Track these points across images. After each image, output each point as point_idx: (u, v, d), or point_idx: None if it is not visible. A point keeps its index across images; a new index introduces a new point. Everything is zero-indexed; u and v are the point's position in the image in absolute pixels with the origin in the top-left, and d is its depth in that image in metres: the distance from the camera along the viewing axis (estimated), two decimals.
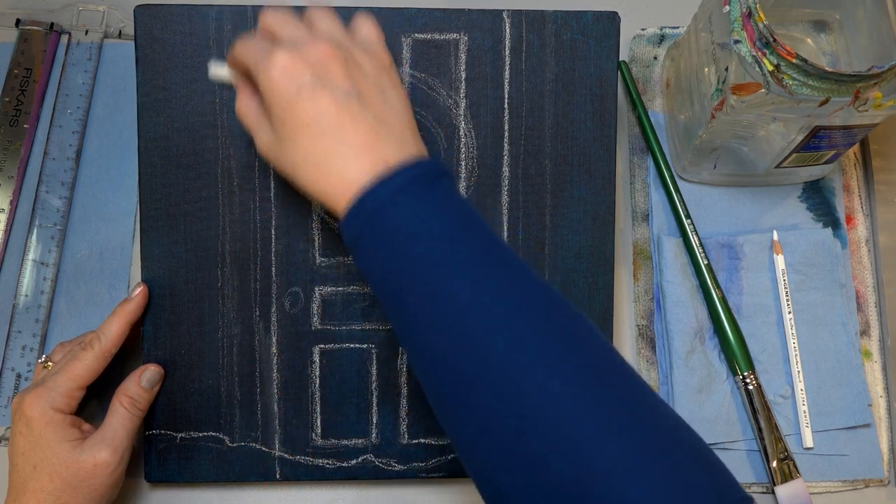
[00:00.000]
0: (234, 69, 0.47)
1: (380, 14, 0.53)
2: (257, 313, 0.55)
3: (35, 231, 0.59)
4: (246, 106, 0.46)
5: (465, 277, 0.39)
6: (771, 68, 0.47)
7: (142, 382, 0.52)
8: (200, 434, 0.54)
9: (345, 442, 0.55)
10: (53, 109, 0.61)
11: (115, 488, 0.51)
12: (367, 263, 0.41)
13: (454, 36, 0.54)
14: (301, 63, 0.42)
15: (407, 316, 0.40)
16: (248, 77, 0.46)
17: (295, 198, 0.54)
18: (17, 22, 0.62)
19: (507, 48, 0.54)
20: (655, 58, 0.63)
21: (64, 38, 0.63)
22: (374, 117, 0.42)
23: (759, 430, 0.56)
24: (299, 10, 0.46)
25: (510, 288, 0.39)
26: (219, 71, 0.49)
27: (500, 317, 0.38)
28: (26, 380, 0.57)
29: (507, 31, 0.54)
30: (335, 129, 0.41)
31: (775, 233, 0.60)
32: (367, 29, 0.46)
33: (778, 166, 0.57)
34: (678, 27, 0.63)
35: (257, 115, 0.46)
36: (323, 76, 0.42)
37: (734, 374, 0.57)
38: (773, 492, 0.56)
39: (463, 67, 0.54)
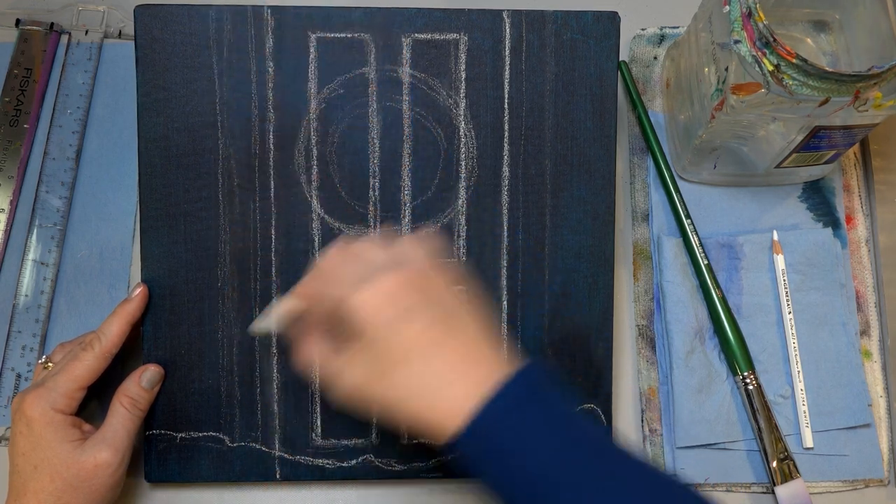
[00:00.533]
0: (284, 321, 0.47)
1: (380, 14, 0.54)
2: (257, 313, 0.55)
3: (35, 231, 0.59)
4: (320, 350, 0.46)
5: (578, 491, 0.39)
6: (771, 68, 0.47)
7: (142, 382, 0.52)
8: (200, 434, 0.54)
9: (345, 442, 0.55)
10: (53, 109, 0.61)
11: (116, 488, 0.51)
12: (489, 483, 0.41)
13: (454, 36, 0.54)
14: (382, 298, 0.42)
15: None
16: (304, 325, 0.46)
17: (295, 198, 0.54)
18: (17, 22, 0.62)
19: (507, 48, 0.54)
20: (655, 58, 0.63)
21: (64, 38, 0.63)
22: (463, 337, 0.43)
23: (759, 430, 0.56)
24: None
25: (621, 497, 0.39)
26: (261, 323, 0.49)
27: None
28: (26, 380, 0.57)
29: (507, 31, 0.54)
30: (426, 354, 0.42)
31: (775, 233, 0.60)
32: (417, 244, 0.46)
33: (778, 166, 0.57)
34: (678, 27, 0.63)
35: (333, 352, 0.45)
36: (406, 306, 0.42)
37: (734, 374, 0.57)
38: (773, 492, 0.56)
39: (463, 67, 0.54)
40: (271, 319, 0.48)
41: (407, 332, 0.42)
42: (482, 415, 0.40)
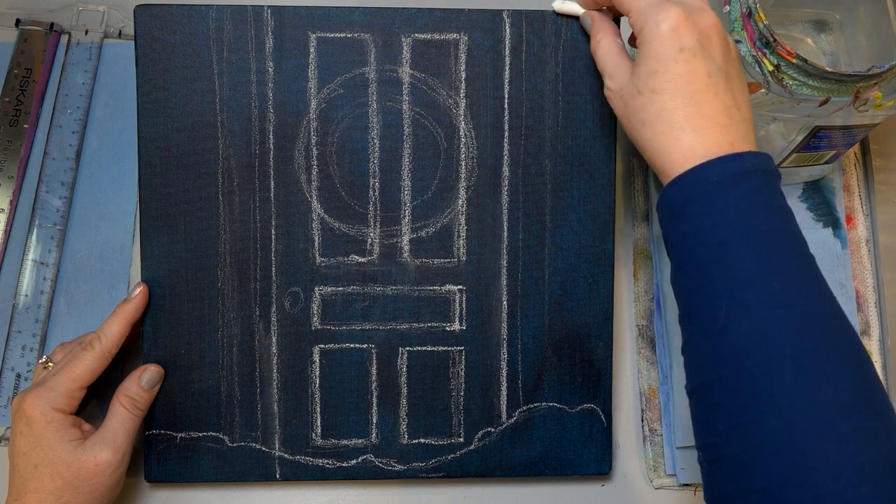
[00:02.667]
0: (588, 4, 0.50)
1: (380, 14, 0.54)
2: (257, 313, 0.55)
3: (35, 231, 0.59)
4: (608, 44, 0.48)
5: (770, 281, 0.40)
6: (771, 68, 0.47)
7: (142, 382, 0.52)
8: (200, 434, 0.54)
9: (345, 442, 0.55)
10: (53, 109, 0.61)
11: (116, 488, 0.51)
12: (682, 231, 0.42)
13: (454, 36, 0.54)
14: (692, 26, 0.43)
15: (702, 290, 0.41)
16: (604, 15, 0.49)
17: (295, 198, 0.54)
18: (17, 22, 0.62)
19: (507, 48, 0.54)
20: None
21: (64, 38, 0.63)
22: (733, 99, 0.43)
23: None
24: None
25: (810, 309, 0.40)
26: (566, 5, 0.51)
27: (791, 335, 0.39)
28: (26, 380, 0.57)
29: (507, 31, 0.54)
30: (699, 97, 0.42)
31: None
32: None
33: (778, 166, 0.57)
34: None
35: (618, 56, 0.47)
36: (705, 45, 0.43)
37: None
38: None
39: (463, 67, 0.54)
40: (573, 4, 0.52)
41: (690, 65, 0.42)
42: (715, 166, 0.41)
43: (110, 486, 0.50)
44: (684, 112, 0.43)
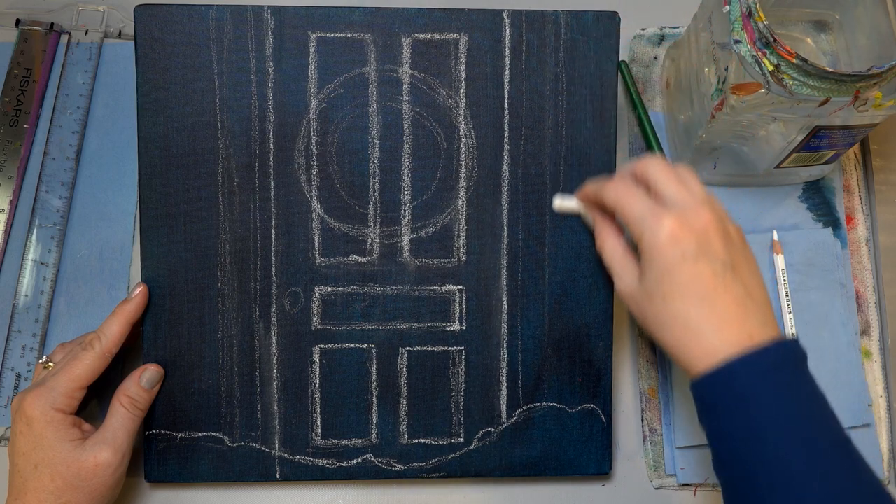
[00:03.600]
0: (589, 204, 0.52)
1: (380, 14, 0.54)
2: (257, 313, 0.55)
3: (35, 231, 0.59)
4: (612, 247, 0.50)
5: (810, 479, 0.40)
6: (771, 68, 0.47)
7: (142, 382, 0.52)
8: (200, 434, 0.54)
9: (345, 442, 0.55)
10: (53, 109, 0.61)
11: (116, 488, 0.51)
12: (717, 428, 0.43)
13: (454, 36, 0.54)
14: (687, 231, 0.44)
15: (744, 484, 0.42)
16: (605, 213, 0.50)
17: (295, 197, 0.54)
18: (17, 22, 0.62)
19: (507, 48, 0.54)
20: (655, 58, 0.63)
21: (64, 38, 0.63)
22: (743, 289, 0.44)
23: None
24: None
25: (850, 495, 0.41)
26: (566, 203, 0.54)
27: None
28: (26, 380, 0.57)
29: (507, 31, 0.54)
30: (709, 297, 0.43)
31: (775, 233, 0.60)
32: (718, 201, 0.48)
33: (778, 166, 0.57)
34: (678, 27, 0.63)
35: (623, 258, 0.49)
36: (705, 245, 0.44)
37: None
38: None
39: (463, 67, 0.54)
40: (573, 202, 0.53)
41: (694, 269, 0.44)
42: (737, 366, 0.42)
43: (110, 486, 0.50)
44: (698, 314, 0.43)
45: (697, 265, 0.44)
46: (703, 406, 0.44)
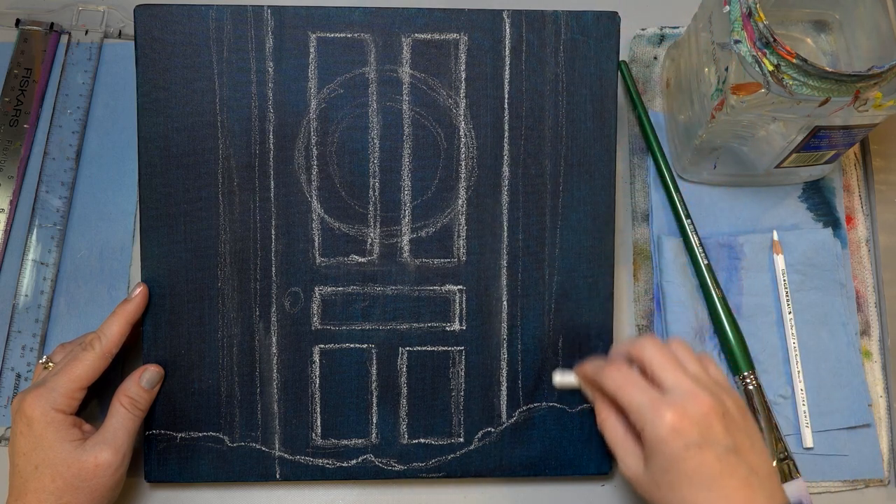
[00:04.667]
0: (588, 383, 0.53)
1: (380, 14, 0.54)
2: (257, 313, 0.55)
3: (35, 231, 0.59)
4: (612, 427, 0.50)
5: None
6: (771, 68, 0.47)
7: (142, 382, 0.52)
8: (200, 434, 0.54)
9: (345, 442, 0.55)
10: (53, 109, 0.61)
11: (117, 489, 0.51)
12: None
13: (454, 36, 0.54)
14: (688, 421, 0.45)
15: None
16: (604, 392, 0.50)
17: (295, 198, 0.54)
18: (17, 22, 0.62)
19: (507, 48, 0.54)
20: (655, 58, 0.63)
21: (64, 38, 0.63)
22: (748, 468, 0.45)
23: (759, 429, 0.56)
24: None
25: None
26: (565, 379, 0.54)
27: None
28: (26, 380, 0.57)
29: (507, 31, 0.54)
30: (716, 483, 0.44)
31: (775, 233, 0.60)
32: (714, 368, 0.50)
33: (778, 166, 0.57)
34: (678, 27, 0.63)
35: (624, 440, 0.49)
36: (706, 432, 0.45)
37: (734, 374, 0.57)
38: None
39: (463, 67, 0.54)
40: (573, 378, 0.54)
41: (698, 458, 0.44)
42: None
43: (111, 487, 0.50)
44: (706, 499, 0.44)
45: (701, 454, 0.44)
46: None
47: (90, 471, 0.49)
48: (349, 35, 0.54)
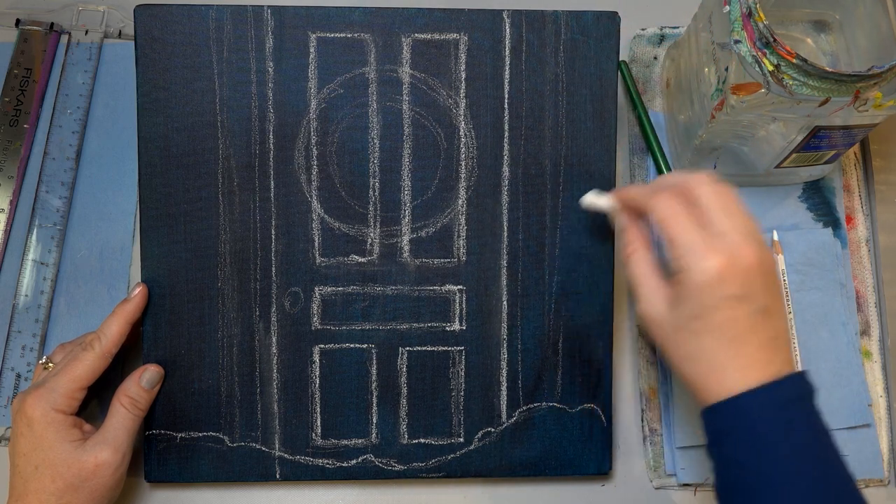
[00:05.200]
0: (625, 208, 0.50)
1: (380, 14, 0.54)
2: (257, 313, 0.55)
3: (35, 231, 0.59)
4: (641, 260, 0.48)
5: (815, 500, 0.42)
6: (771, 68, 0.47)
7: (142, 382, 0.52)
8: (200, 434, 0.54)
9: (345, 442, 0.55)
10: (53, 109, 0.61)
11: (117, 488, 0.51)
12: (721, 456, 0.44)
13: (454, 36, 0.54)
14: (735, 272, 0.43)
15: None
16: (638, 220, 0.49)
17: (295, 198, 0.54)
18: (17, 22, 0.62)
19: (507, 48, 0.54)
20: (655, 58, 0.63)
21: (64, 38, 0.63)
22: (773, 331, 0.44)
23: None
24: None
25: None
26: (598, 201, 0.51)
27: None
28: (26, 380, 0.57)
29: (507, 31, 0.54)
30: (740, 339, 0.43)
31: (775, 233, 0.60)
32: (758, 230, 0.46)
33: (778, 166, 0.57)
34: (678, 27, 0.63)
35: (651, 278, 0.47)
36: (747, 287, 0.43)
37: None
38: None
39: (463, 67, 0.54)
40: (606, 201, 0.51)
41: (732, 312, 0.43)
42: (753, 395, 0.42)
43: (111, 487, 0.50)
44: (726, 354, 0.43)
45: (737, 307, 0.43)
46: (713, 432, 0.44)
47: (90, 471, 0.49)
48: (349, 35, 0.54)
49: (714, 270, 0.43)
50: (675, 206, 0.45)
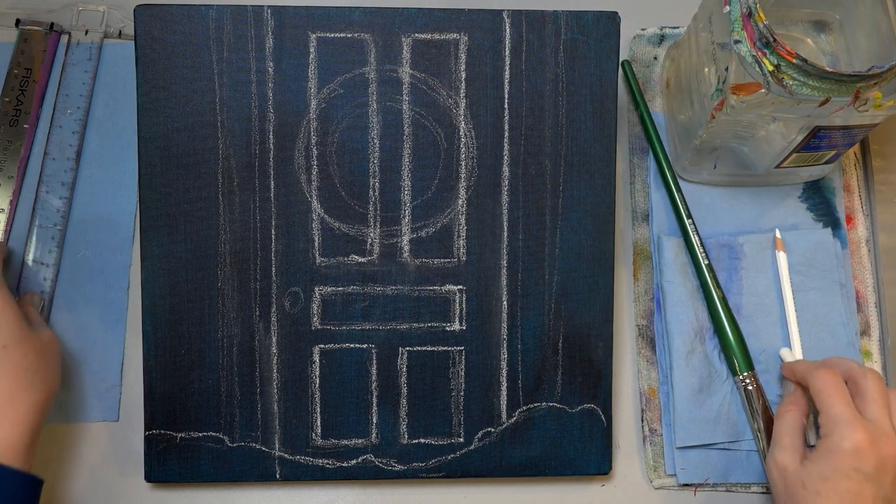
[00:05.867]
0: (792, 375, 0.55)
1: (380, 14, 0.54)
2: (257, 313, 0.55)
3: (35, 231, 0.59)
4: (793, 419, 0.52)
5: None
6: (771, 68, 0.47)
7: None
8: (200, 434, 0.54)
9: (345, 442, 0.55)
10: (54, 109, 0.61)
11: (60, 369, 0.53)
12: None
13: (454, 36, 0.54)
14: (874, 453, 0.47)
15: None
16: (804, 392, 0.53)
17: (295, 198, 0.54)
18: (17, 22, 0.62)
19: (507, 48, 0.54)
20: (655, 58, 0.63)
21: (64, 38, 0.63)
22: None
23: (759, 430, 0.56)
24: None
25: None
26: (787, 358, 0.57)
27: None
28: None
29: (507, 31, 0.54)
30: None
31: (777, 231, 0.60)
32: None
33: (778, 166, 0.57)
34: (678, 27, 0.63)
35: (797, 436, 0.51)
36: (880, 473, 0.47)
37: (734, 374, 0.57)
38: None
39: (463, 67, 0.54)
40: (795, 357, 0.57)
41: (859, 486, 0.46)
42: None
43: (58, 365, 0.53)
44: None
45: (865, 484, 0.46)
46: None
47: (49, 344, 0.52)
48: (349, 35, 0.54)
49: (856, 442, 0.47)
50: (835, 382, 0.50)
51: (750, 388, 0.56)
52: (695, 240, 0.58)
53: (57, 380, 0.52)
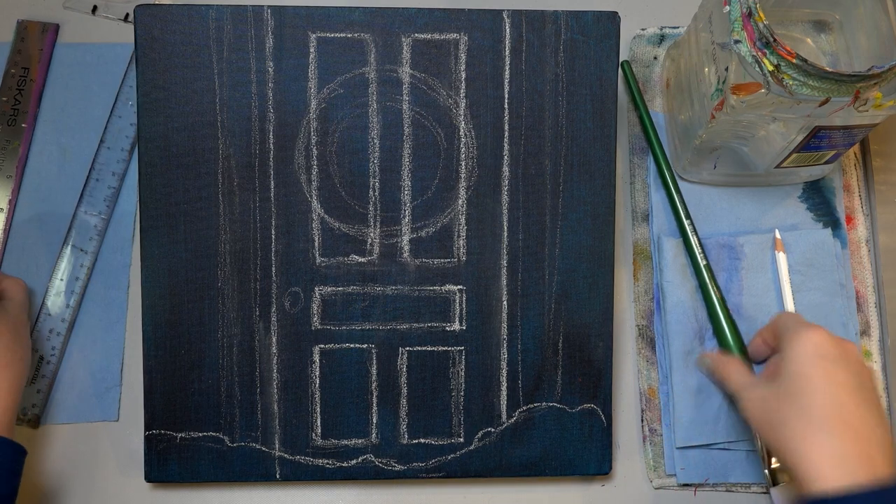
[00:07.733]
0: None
1: (380, 14, 0.54)
2: (257, 313, 0.55)
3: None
4: (737, 368, 0.53)
5: None
6: (771, 68, 0.47)
7: None
8: (200, 434, 0.54)
9: (345, 442, 0.55)
10: (115, 102, 0.61)
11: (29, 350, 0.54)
12: None
13: (454, 36, 0.54)
14: (834, 344, 0.47)
15: None
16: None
17: (295, 198, 0.54)
18: (16, 22, 0.62)
19: (507, 48, 0.54)
20: (655, 58, 0.63)
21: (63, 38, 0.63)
22: (872, 416, 0.45)
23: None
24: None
25: None
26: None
27: None
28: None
29: (507, 30, 0.54)
30: (838, 401, 0.45)
31: (777, 231, 0.60)
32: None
33: (778, 166, 0.57)
34: (678, 27, 0.63)
35: (748, 375, 0.52)
36: (844, 359, 0.47)
37: None
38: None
39: (463, 67, 0.54)
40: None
41: (826, 371, 0.46)
42: (856, 501, 0.42)
43: (29, 345, 0.54)
44: (822, 412, 0.45)
45: (833, 369, 0.46)
46: None
47: (22, 324, 0.53)
48: (349, 35, 0.54)
49: (814, 336, 0.47)
50: (771, 323, 0.53)
51: None
52: (693, 240, 0.58)
53: (30, 355, 0.53)
